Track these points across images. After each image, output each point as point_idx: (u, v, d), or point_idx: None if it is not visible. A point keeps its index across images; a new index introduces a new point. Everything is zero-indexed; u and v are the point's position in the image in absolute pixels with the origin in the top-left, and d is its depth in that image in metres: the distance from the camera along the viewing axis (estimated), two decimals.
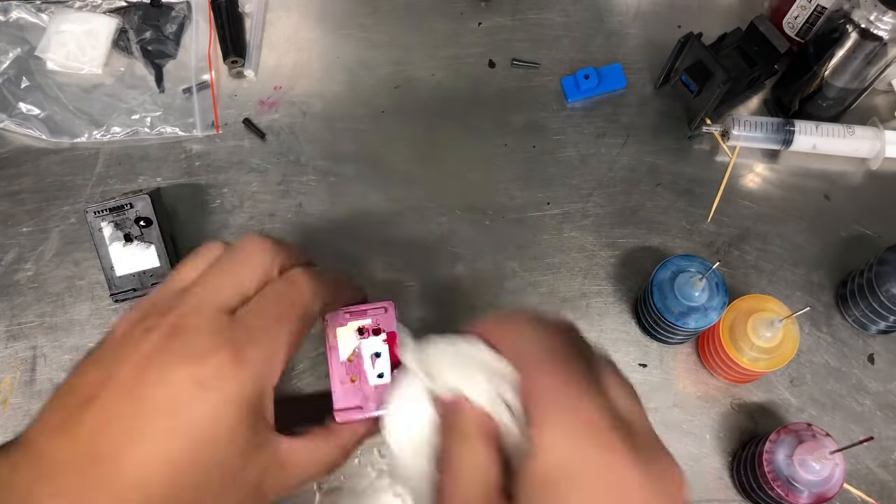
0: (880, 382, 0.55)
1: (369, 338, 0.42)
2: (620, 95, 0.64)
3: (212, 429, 0.30)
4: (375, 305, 0.42)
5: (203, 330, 0.31)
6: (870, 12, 0.51)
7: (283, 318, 0.33)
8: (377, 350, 0.41)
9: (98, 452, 0.28)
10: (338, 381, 0.41)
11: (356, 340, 0.41)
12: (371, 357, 0.41)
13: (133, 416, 0.29)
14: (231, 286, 0.33)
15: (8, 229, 0.59)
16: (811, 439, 0.46)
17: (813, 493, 0.45)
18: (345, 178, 0.61)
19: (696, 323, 0.47)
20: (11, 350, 0.56)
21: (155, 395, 0.29)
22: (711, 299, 0.47)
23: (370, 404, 0.40)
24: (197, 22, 0.66)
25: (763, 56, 0.60)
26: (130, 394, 0.29)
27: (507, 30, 0.66)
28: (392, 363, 0.41)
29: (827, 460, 0.44)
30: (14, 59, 0.64)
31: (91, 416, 0.29)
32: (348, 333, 0.41)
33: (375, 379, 0.41)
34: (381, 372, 0.41)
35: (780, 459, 0.46)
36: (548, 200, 0.60)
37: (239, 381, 0.31)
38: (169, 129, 0.62)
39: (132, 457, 0.28)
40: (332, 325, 0.41)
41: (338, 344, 0.41)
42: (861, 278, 0.53)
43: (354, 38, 0.66)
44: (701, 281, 0.46)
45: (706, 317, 0.47)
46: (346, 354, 0.41)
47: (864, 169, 0.61)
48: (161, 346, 0.30)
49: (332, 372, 0.41)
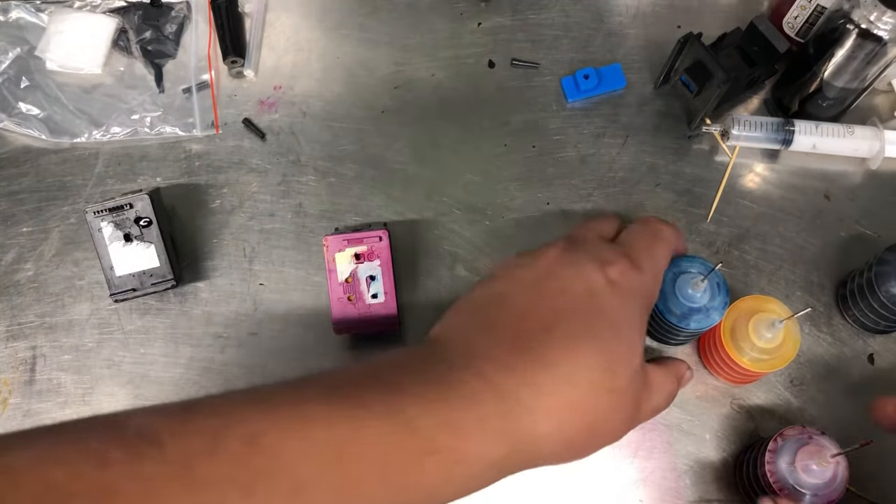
0: (880, 382, 0.55)
1: (365, 262, 0.47)
2: (620, 95, 0.64)
3: (620, 317, 0.34)
4: (371, 234, 0.47)
5: (600, 244, 0.37)
6: (870, 12, 0.51)
7: (656, 242, 0.39)
8: (372, 273, 0.47)
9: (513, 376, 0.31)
10: (335, 299, 0.47)
11: (353, 265, 0.47)
12: (366, 279, 0.47)
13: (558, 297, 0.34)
14: (601, 229, 0.41)
15: (8, 229, 0.59)
16: (810, 442, 0.45)
17: (820, 496, 0.44)
18: (345, 178, 0.61)
19: (697, 324, 0.47)
20: (11, 350, 0.56)
21: (575, 283, 0.34)
22: (713, 300, 0.47)
23: (365, 319, 0.47)
24: (197, 22, 0.66)
25: (763, 56, 0.60)
26: (543, 285, 0.35)
27: (507, 30, 0.66)
28: (385, 285, 0.47)
29: (829, 463, 0.44)
30: (14, 58, 0.64)
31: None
32: (345, 258, 0.47)
33: (370, 299, 0.47)
34: (376, 292, 0.47)
35: (782, 468, 0.45)
36: (548, 200, 0.60)
37: (640, 282, 0.35)
38: (169, 129, 0.62)
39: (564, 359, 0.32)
40: (331, 251, 0.47)
41: (336, 267, 0.47)
42: (861, 278, 0.53)
43: (354, 38, 0.66)
44: (703, 282, 0.46)
45: (708, 318, 0.47)
46: (344, 276, 0.47)
47: (864, 169, 0.61)
48: (569, 247, 0.37)
49: (331, 291, 0.47)
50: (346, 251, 0.47)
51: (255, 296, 0.58)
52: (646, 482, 0.53)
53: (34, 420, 0.55)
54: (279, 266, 0.58)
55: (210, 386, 0.56)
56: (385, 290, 0.48)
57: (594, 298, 0.34)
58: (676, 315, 0.46)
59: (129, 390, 0.56)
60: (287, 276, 0.58)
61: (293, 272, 0.58)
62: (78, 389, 0.56)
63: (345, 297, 0.47)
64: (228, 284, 0.58)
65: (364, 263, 0.47)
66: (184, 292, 0.58)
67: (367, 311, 0.47)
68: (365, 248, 0.47)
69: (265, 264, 0.58)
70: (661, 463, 0.53)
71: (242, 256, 0.59)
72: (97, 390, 0.56)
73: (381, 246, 0.47)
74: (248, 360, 0.56)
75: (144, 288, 0.55)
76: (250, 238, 0.59)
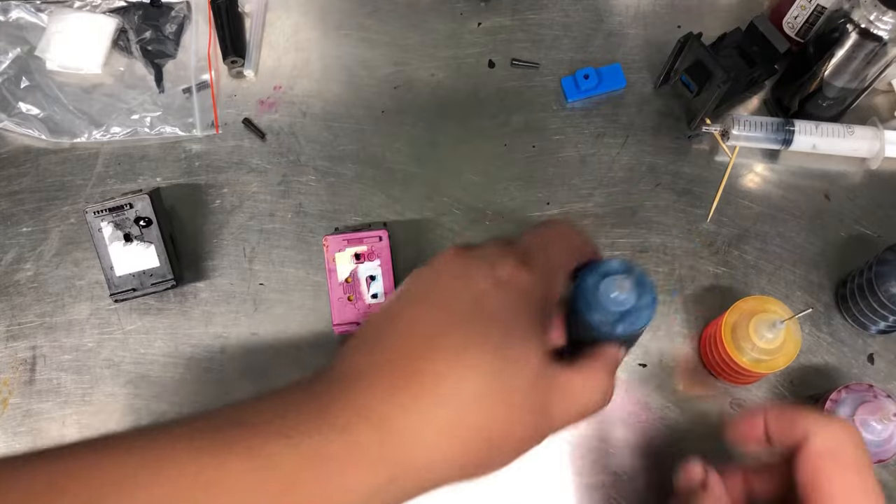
0: (880, 382, 0.55)
1: (365, 262, 0.47)
2: (620, 95, 0.64)
3: (511, 318, 0.32)
4: (371, 234, 0.48)
5: (489, 247, 0.35)
6: (870, 12, 0.51)
7: (552, 240, 0.37)
8: (372, 273, 0.47)
9: (422, 369, 0.30)
10: (336, 299, 0.47)
11: (353, 264, 0.47)
12: (366, 279, 0.47)
13: (439, 312, 0.32)
14: (498, 243, 0.37)
15: (7, 229, 0.59)
16: (873, 400, 0.46)
17: (872, 452, 0.46)
18: (345, 178, 0.61)
19: (630, 327, 0.40)
20: (11, 350, 0.56)
21: (461, 290, 0.32)
22: (641, 298, 0.40)
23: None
24: (196, 22, 0.66)
25: (763, 56, 0.60)
26: (430, 297, 0.33)
27: (507, 30, 0.66)
28: (385, 285, 0.47)
29: (889, 421, 0.45)
30: (14, 58, 0.64)
31: (396, 326, 0.32)
32: (345, 258, 0.48)
33: (370, 299, 0.47)
34: (376, 292, 0.47)
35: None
36: (548, 200, 0.60)
37: (530, 281, 0.33)
38: (168, 128, 0.62)
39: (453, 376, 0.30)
40: (331, 251, 0.47)
41: (336, 267, 0.47)
42: (861, 278, 0.53)
43: (354, 38, 0.66)
44: (626, 281, 0.40)
45: (640, 318, 0.40)
46: (344, 276, 0.47)
47: (863, 169, 0.61)
48: (459, 253, 0.35)
49: (332, 291, 0.48)
50: (346, 251, 0.48)
51: (255, 296, 0.58)
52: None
53: (34, 420, 0.55)
54: (279, 266, 0.58)
55: (210, 386, 0.56)
56: (385, 290, 0.48)
57: (482, 303, 0.32)
58: (607, 323, 0.40)
59: (129, 390, 0.56)
60: (287, 276, 0.58)
61: (293, 272, 0.58)
62: (78, 389, 0.56)
63: (345, 298, 0.47)
64: (228, 284, 0.58)
65: (364, 263, 0.48)
66: (184, 292, 0.58)
67: (368, 311, 0.47)
68: (365, 247, 0.48)
69: (265, 264, 0.58)
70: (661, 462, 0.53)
71: (242, 256, 0.59)
72: (97, 390, 0.56)
73: (381, 246, 0.48)
74: (248, 360, 0.56)
75: (144, 288, 0.55)
76: (250, 238, 0.59)
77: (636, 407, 0.54)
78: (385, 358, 0.31)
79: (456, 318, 0.31)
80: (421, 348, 0.31)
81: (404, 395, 0.29)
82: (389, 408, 0.29)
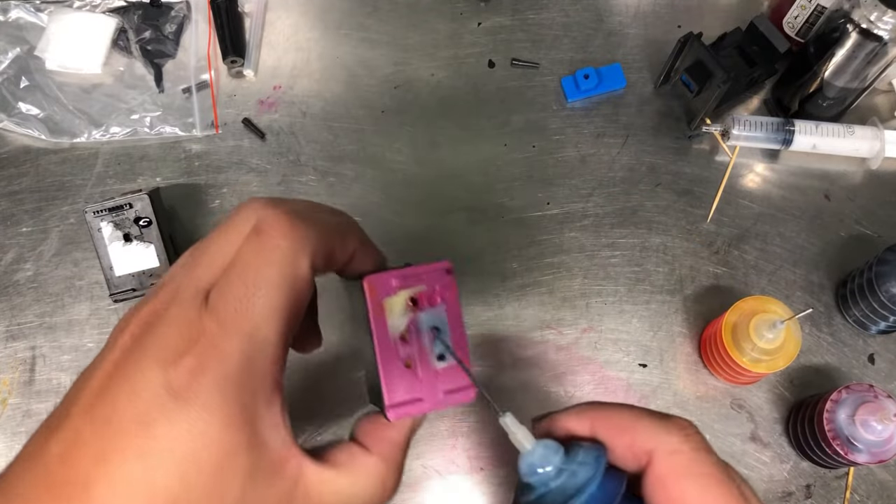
0: (880, 382, 0.55)
1: (426, 309, 0.32)
2: (620, 95, 0.64)
3: (196, 449, 0.23)
4: (431, 267, 0.32)
5: (175, 322, 0.24)
6: (870, 12, 0.51)
7: (260, 290, 0.25)
8: (436, 324, 0.32)
9: (67, 479, 0.23)
10: (390, 368, 0.31)
11: (409, 313, 0.32)
12: (429, 333, 0.32)
13: (99, 436, 0.24)
14: (208, 261, 0.26)
15: (7, 229, 0.59)
16: (874, 400, 0.46)
17: (872, 452, 0.46)
18: (345, 178, 0.61)
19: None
20: (11, 350, 0.56)
21: (122, 409, 0.24)
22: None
23: (434, 393, 0.31)
24: (196, 21, 0.66)
25: (763, 56, 0.60)
26: (94, 410, 0.24)
27: (507, 30, 0.66)
28: (454, 340, 0.32)
29: (890, 421, 0.45)
30: (13, 58, 0.63)
31: (59, 439, 0.24)
32: (399, 305, 0.32)
33: (437, 362, 0.32)
34: (442, 352, 0.32)
35: (840, 419, 0.47)
36: (548, 200, 0.60)
37: (221, 369, 0.24)
38: (168, 128, 0.62)
39: (103, 484, 0.23)
40: (378, 295, 0.31)
41: (386, 320, 0.31)
42: (861, 278, 0.53)
43: (354, 38, 0.66)
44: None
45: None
46: (398, 332, 0.31)
47: (864, 168, 0.61)
48: (130, 348, 0.25)
49: (381, 357, 0.31)
50: (398, 295, 0.32)
51: None
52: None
53: (34, 420, 0.55)
54: None
55: None
56: (455, 344, 0.33)
57: (153, 428, 0.23)
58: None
59: None
60: None
61: None
62: None
63: (401, 365, 0.31)
64: None
65: (426, 311, 0.32)
66: None
67: (436, 381, 0.32)
68: (424, 287, 0.32)
69: None
70: None
71: None
72: None
73: (446, 283, 0.33)
74: None
75: (144, 288, 0.55)
76: None
77: None
78: (43, 471, 0.24)
79: (119, 445, 0.24)
80: (80, 477, 0.24)
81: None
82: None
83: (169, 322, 0.25)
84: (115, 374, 0.24)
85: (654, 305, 0.57)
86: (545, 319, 0.56)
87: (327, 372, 0.55)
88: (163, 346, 0.24)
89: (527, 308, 0.57)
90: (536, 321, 0.56)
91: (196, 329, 0.24)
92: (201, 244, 0.27)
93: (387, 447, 0.29)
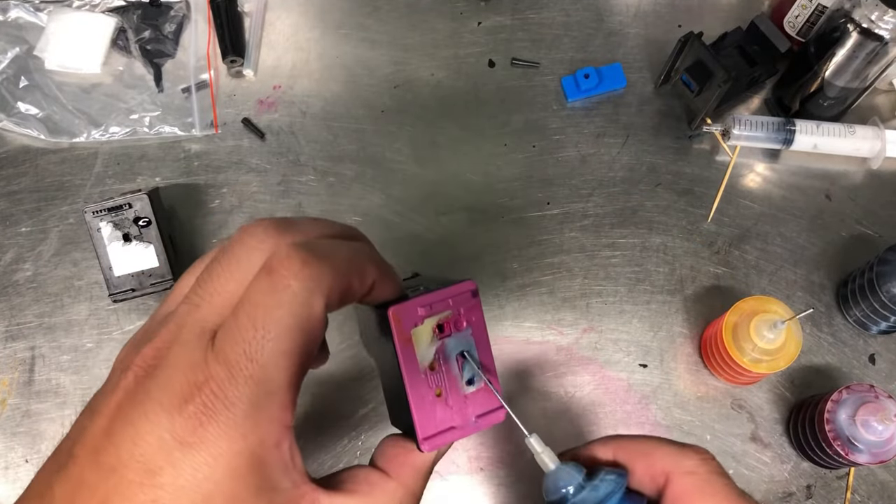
0: (881, 383, 0.54)
1: (453, 335, 0.31)
2: (620, 95, 0.63)
3: (203, 498, 0.23)
4: (455, 290, 0.31)
5: (181, 366, 0.24)
6: (871, 12, 0.51)
7: (270, 333, 0.24)
8: (463, 347, 0.31)
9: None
10: (421, 402, 0.30)
11: (436, 341, 0.30)
12: (457, 359, 0.31)
13: (104, 482, 0.23)
14: (215, 299, 0.25)
15: (6, 229, 0.59)
16: (874, 400, 0.46)
17: (873, 452, 0.46)
18: (345, 178, 0.61)
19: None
20: (10, 350, 0.56)
21: (127, 456, 0.23)
22: None
23: (466, 420, 0.30)
24: (196, 21, 0.66)
25: (764, 55, 0.60)
26: (99, 456, 0.23)
27: (507, 29, 0.66)
28: (483, 363, 0.31)
29: (890, 422, 0.45)
30: (13, 58, 0.63)
31: (63, 480, 0.24)
32: (426, 334, 0.30)
33: (466, 387, 0.31)
34: (471, 376, 0.31)
35: (841, 419, 0.47)
36: (548, 200, 0.60)
37: (231, 419, 0.23)
38: (168, 128, 0.62)
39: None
40: (405, 327, 0.30)
41: (415, 352, 0.30)
42: (862, 278, 0.53)
43: (354, 38, 0.66)
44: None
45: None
46: (427, 362, 0.30)
47: (864, 168, 0.61)
48: (134, 390, 0.24)
49: (411, 389, 0.30)
50: (425, 323, 0.30)
51: None
52: None
53: (33, 421, 0.55)
54: None
55: None
56: (485, 366, 0.31)
57: (158, 476, 0.23)
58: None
59: None
60: None
61: None
62: (77, 390, 0.55)
63: (432, 395, 0.30)
64: None
65: (453, 337, 0.31)
66: None
67: (466, 407, 0.31)
68: (450, 312, 0.31)
69: None
70: None
71: None
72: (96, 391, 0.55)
73: (472, 305, 0.31)
74: None
75: (143, 288, 0.55)
76: None
77: (636, 407, 0.54)
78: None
79: (125, 494, 0.24)
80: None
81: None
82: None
83: (174, 364, 0.24)
84: (120, 416, 0.24)
85: (655, 305, 0.57)
86: (545, 319, 0.56)
87: (328, 372, 0.55)
88: (168, 391, 0.23)
89: (527, 308, 0.57)
90: (537, 321, 0.56)
91: (202, 373, 0.23)
92: (207, 275, 0.26)
93: (409, 473, 0.28)
